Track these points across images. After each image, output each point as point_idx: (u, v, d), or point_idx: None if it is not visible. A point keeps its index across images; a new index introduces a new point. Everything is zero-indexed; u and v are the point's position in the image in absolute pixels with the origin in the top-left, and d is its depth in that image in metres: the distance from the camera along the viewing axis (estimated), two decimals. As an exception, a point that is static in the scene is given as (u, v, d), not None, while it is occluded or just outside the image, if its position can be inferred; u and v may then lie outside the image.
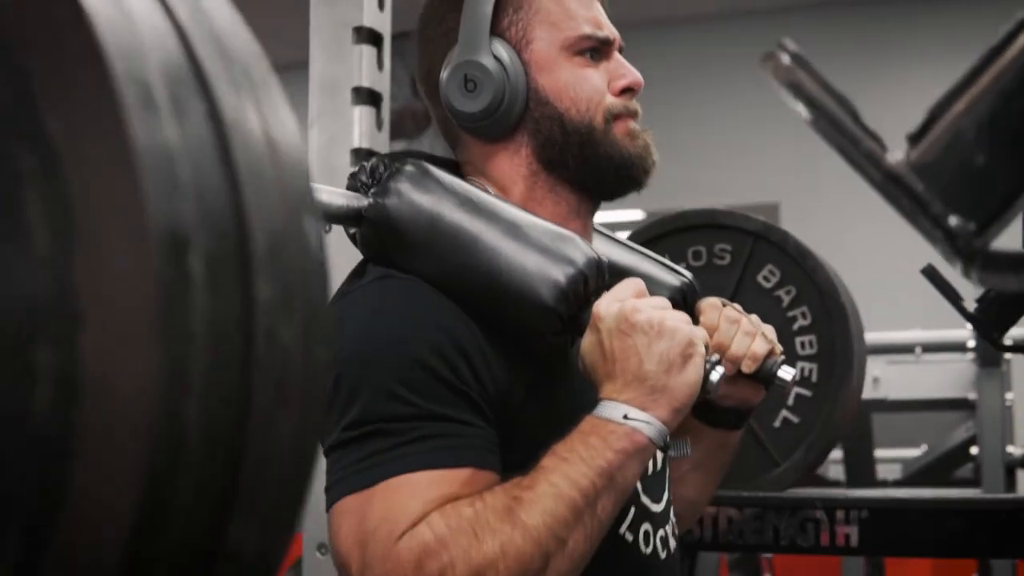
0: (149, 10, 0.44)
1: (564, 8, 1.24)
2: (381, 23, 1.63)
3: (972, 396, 3.38)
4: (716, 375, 1.10)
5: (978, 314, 1.49)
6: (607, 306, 1.10)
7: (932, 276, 1.48)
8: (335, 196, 1.14)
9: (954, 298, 1.49)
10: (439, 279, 1.12)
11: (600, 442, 1.05)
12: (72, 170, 0.41)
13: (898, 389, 3.43)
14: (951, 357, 3.46)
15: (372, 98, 1.61)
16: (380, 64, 1.63)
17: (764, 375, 1.25)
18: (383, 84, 1.63)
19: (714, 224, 1.93)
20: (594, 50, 1.25)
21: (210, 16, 0.47)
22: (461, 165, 1.28)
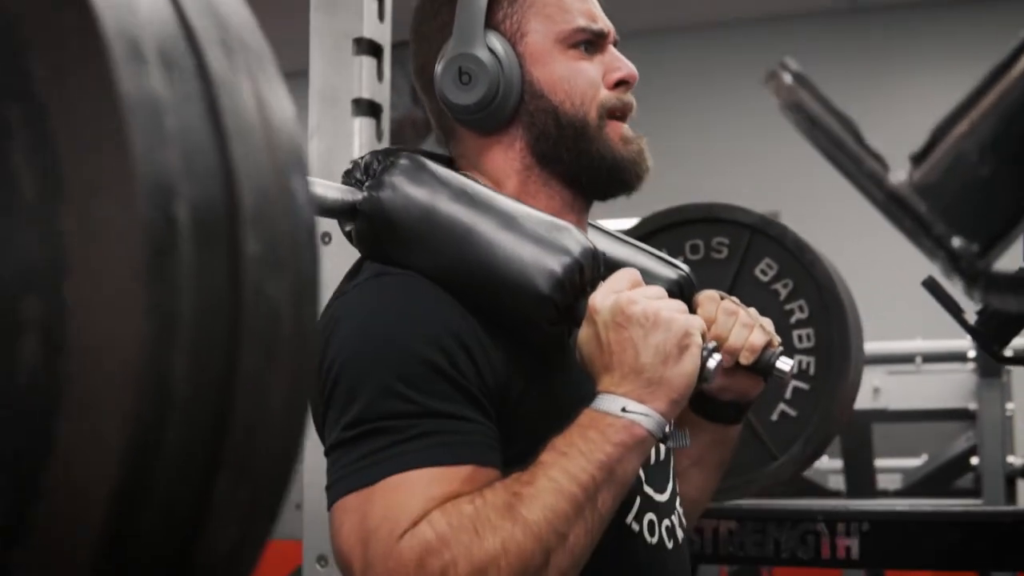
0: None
1: (559, 1, 1.25)
2: (381, 34, 1.63)
3: (972, 406, 3.38)
4: (713, 363, 1.09)
5: (979, 326, 1.48)
6: (603, 298, 1.10)
7: (933, 288, 1.48)
8: (329, 190, 1.14)
9: (955, 310, 1.49)
10: (435, 272, 1.12)
11: (599, 435, 1.05)
12: (58, 119, 0.41)
13: (898, 399, 3.43)
14: (951, 367, 3.45)
15: (372, 109, 1.61)
16: (380, 75, 1.63)
17: (762, 366, 1.25)
18: (383, 95, 1.63)
19: (711, 218, 1.93)
20: (589, 43, 1.25)
21: None
22: (455, 160, 1.28)
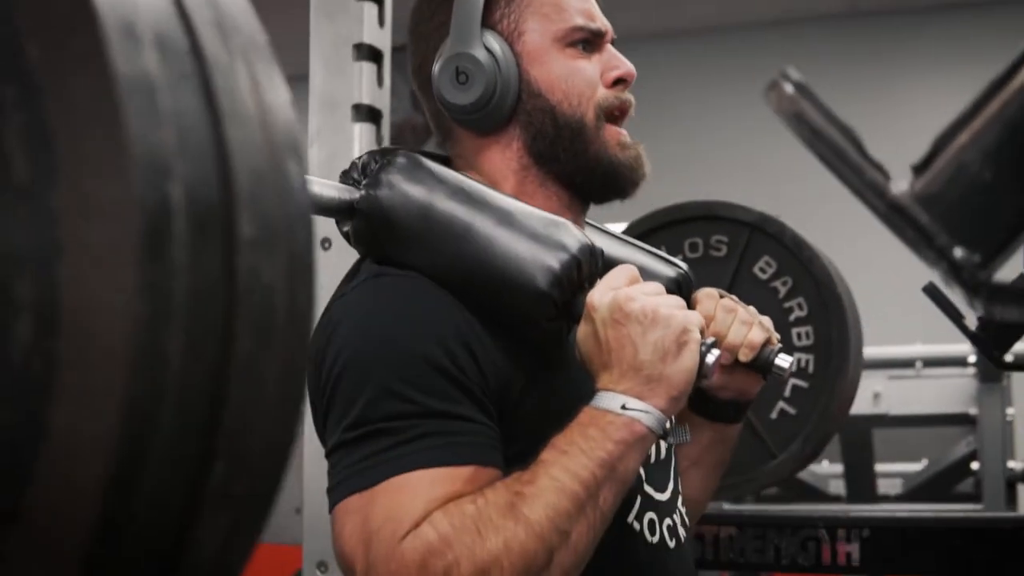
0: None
1: (556, 0, 1.25)
2: (381, 40, 1.63)
3: (973, 411, 3.38)
4: (711, 358, 1.09)
5: (979, 332, 1.48)
6: (600, 296, 1.09)
7: (934, 294, 1.48)
8: (326, 188, 1.13)
9: (956, 316, 1.48)
10: (433, 270, 1.12)
11: (599, 433, 1.05)
12: (52, 99, 0.41)
13: (899, 404, 3.43)
14: (952, 372, 3.45)
15: (372, 115, 1.61)
16: (380, 81, 1.62)
17: (761, 363, 1.25)
18: (383, 101, 1.63)
19: (711, 216, 1.93)
20: (586, 41, 1.25)
21: None
22: (452, 160, 1.27)
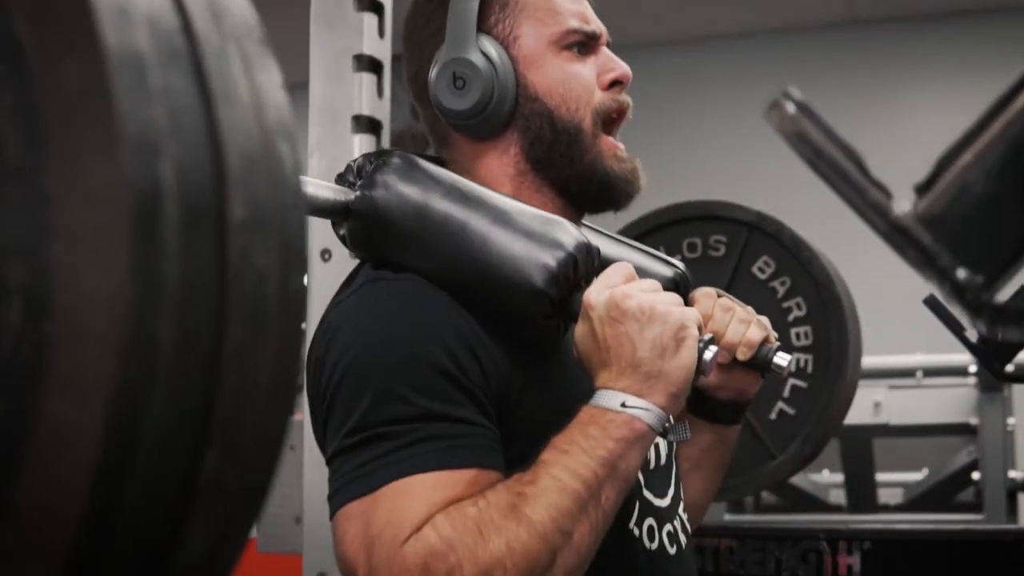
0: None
1: (550, 3, 1.25)
2: (381, 51, 1.63)
3: (974, 421, 3.37)
4: (709, 354, 1.09)
5: (980, 344, 1.48)
6: (597, 294, 1.09)
7: (934, 306, 1.47)
8: (322, 189, 1.13)
9: (956, 328, 1.48)
10: (429, 270, 1.11)
11: (599, 432, 1.04)
12: (42, 78, 0.41)
13: (899, 414, 3.42)
14: (952, 381, 3.45)
15: (372, 126, 1.61)
16: (380, 92, 1.62)
17: (760, 362, 1.24)
18: (383, 112, 1.63)
19: (709, 215, 1.93)
20: (581, 44, 1.25)
21: None
22: (448, 165, 1.27)
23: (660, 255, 1.35)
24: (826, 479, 3.78)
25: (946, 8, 6.13)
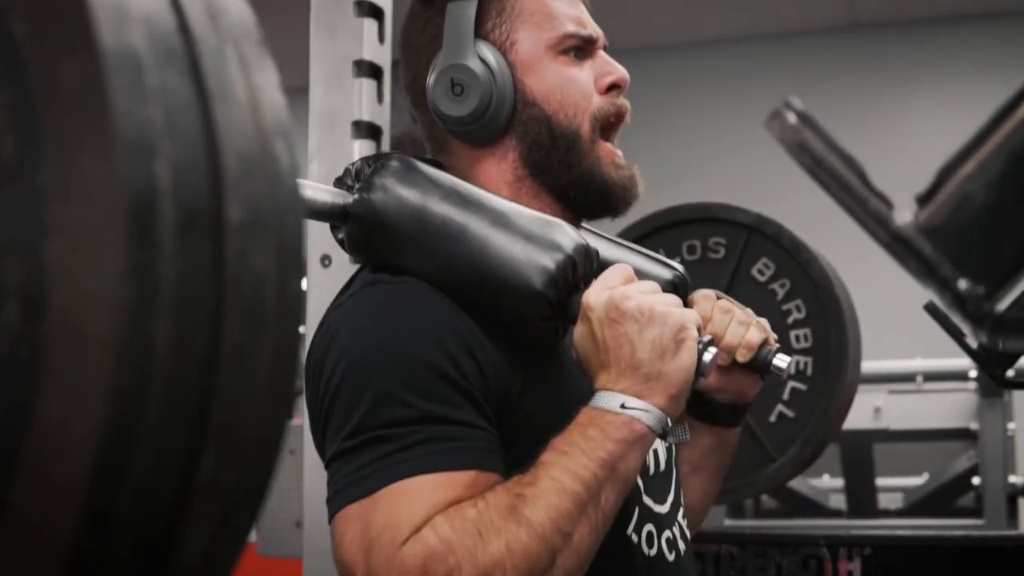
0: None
1: (546, 8, 1.25)
2: (381, 56, 1.62)
3: (974, 426, 3.37)
4: (709, 356, 1.09)
5: (981, 350, 1.48)
6: (596, 295, 1.09)
7: (934, 312, 1.47)
8: (319, 192, 1.13)
9: (957, 334, 1.48)
10: (428, 273, 1.11)
11: (599, 433, 1.04)
12: (39, 76, 0.40)
13: (899, 419, 3.42)
14: (953, 386, 3.45)
15: (372, 132, 1.60)
16: (380, 97, 1.62)
17: (759, 363, 1.24)
18: (383, 117, 1.63)
19: (708, 218, 1.93)
20: (578, 48, 1.25)
21: None
22: (446, 170, 1.27)
23: (659, 257, 1.34)
24: (826, 484, 3.78)
25: (947, 12, 6.13)
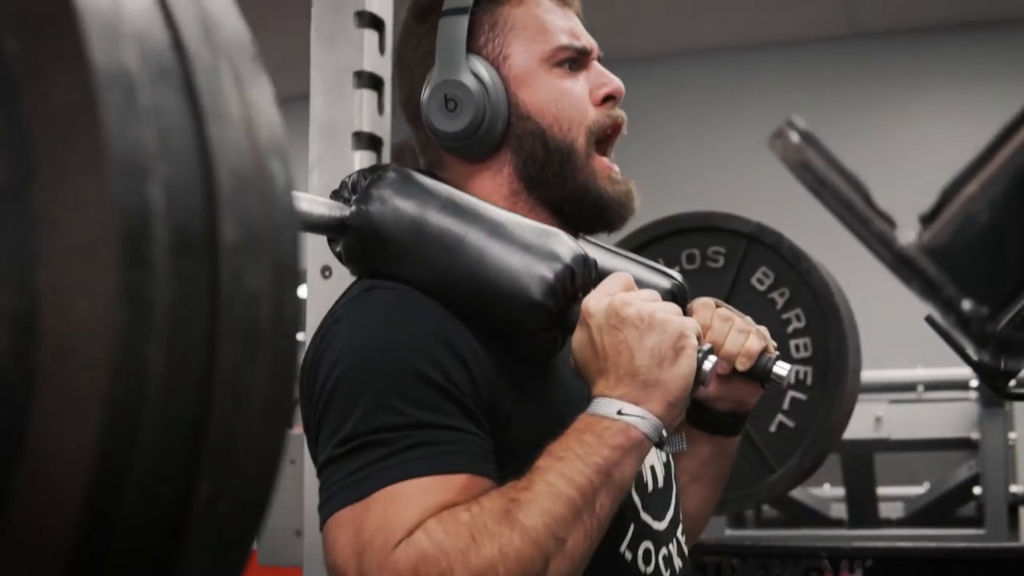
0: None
1: (539, 21, 1.24)
2: (382, 67, 1.62)
3: (975, 435, 3.37)
4: (709, 364, 1.08)
5: (982, 365, 1.47)
6: (596, 301, 1.09)
7: (935, 324, 1.47)
8: (316, 205, 1.12)
9: (958, 345, 1.47)
10: (426, 283, 1.11)
11: (595, 439, 1.03)
12: (29, 95, 0.40)
13: (900, 428, 3.42)
14: (953, 396, 3.44)
15: (373, 143, 1.60)
16: (381, 108, 1.62)
17: (759, 371, 1.23)
18: (384, 128, 1.63)
19: (708, 227, 1.93)
20: (572, 60, 1.24)
21: None
22: (443, 181, 1.27)
23: (657, 266, 1.34)
24: (827, 493, 3.77)
25: (948, 20, 6.13)
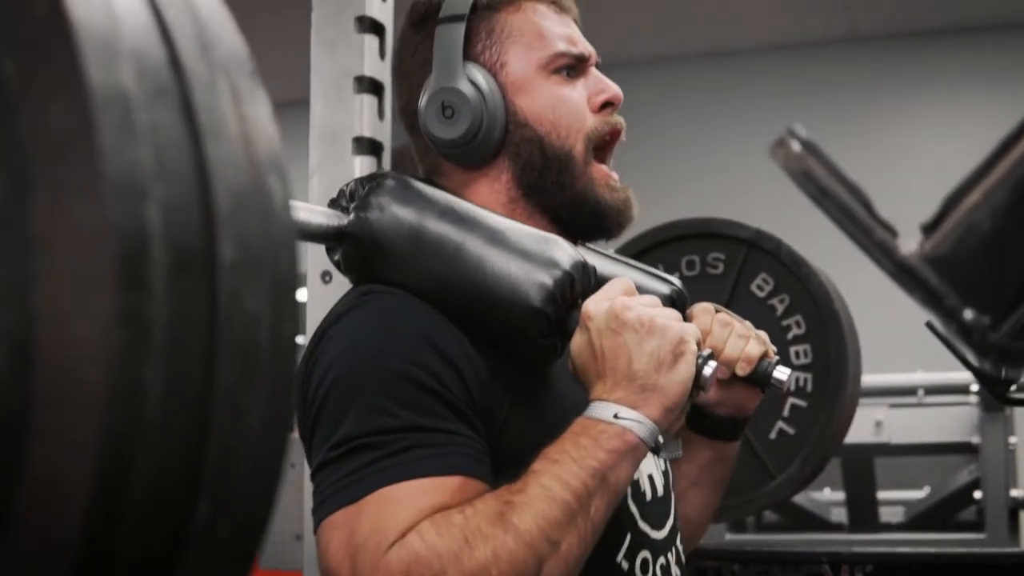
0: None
1: (536, 28, 1.24)
2: (382, 72, 1.62)
3: (975, 440, 3.37)
4: (708, 370, 1.08)
5: (983, 372, 1.47)
6: (596, 305, 1.08)
7: (935, 329, 1.47)
8: (315, 215, 1.12)
9: (958, 351, 1.47)
10: (425, 291, 1.11)
11: (591, 442, 1.03)
12: (27, 117, 0.40)
13: (900, 433, 3.42)
14: (954, 400, 3.44)
15: (373, 148, 1.60)
16: (381, 114, 1.62)
17: (759, 376, 1.23)
18: (384, 133, 1.62)
19: (707, 233, 1.92)
20: (570, 67, 1.24)
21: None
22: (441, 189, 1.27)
23: (656, 272, 1.34)
24: (827, 497, 3.77)
25: (947, 24, 6.14)
